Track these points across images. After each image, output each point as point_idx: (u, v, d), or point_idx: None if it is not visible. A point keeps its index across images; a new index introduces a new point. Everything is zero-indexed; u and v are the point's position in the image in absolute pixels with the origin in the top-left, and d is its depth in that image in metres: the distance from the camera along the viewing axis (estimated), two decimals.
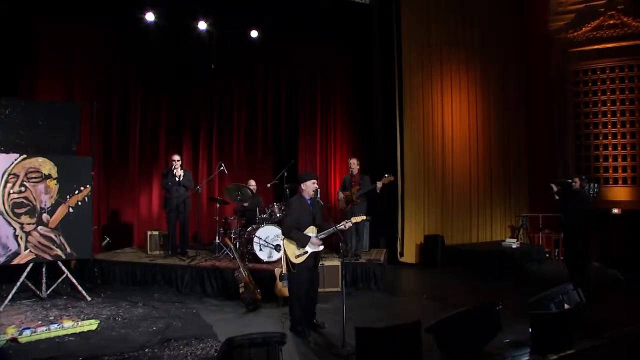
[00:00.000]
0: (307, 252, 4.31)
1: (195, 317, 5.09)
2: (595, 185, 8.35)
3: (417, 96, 8.56)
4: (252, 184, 7.39)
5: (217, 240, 7.06)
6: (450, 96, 8.97)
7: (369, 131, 8.59)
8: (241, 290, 5.41)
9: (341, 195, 6.82)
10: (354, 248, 6.77)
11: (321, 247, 4.41)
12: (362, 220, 4.59)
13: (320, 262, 4.90)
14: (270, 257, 6.38)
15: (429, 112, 8.69)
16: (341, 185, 7.11)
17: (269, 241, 6.36)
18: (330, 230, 4.34)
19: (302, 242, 4.29)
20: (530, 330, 3.95)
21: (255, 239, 6.33)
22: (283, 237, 4.50)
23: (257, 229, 6.44)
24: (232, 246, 5.99)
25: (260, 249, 6.35)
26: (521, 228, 9.18)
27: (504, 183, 9.48)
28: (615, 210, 8.50)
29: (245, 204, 6.99)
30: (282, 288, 5.31)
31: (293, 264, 4.30)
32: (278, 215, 6.79)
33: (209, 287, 6.13)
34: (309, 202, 4.46)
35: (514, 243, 8.28)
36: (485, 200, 9.28)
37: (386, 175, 6.58)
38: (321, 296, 4.80)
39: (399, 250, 8.26)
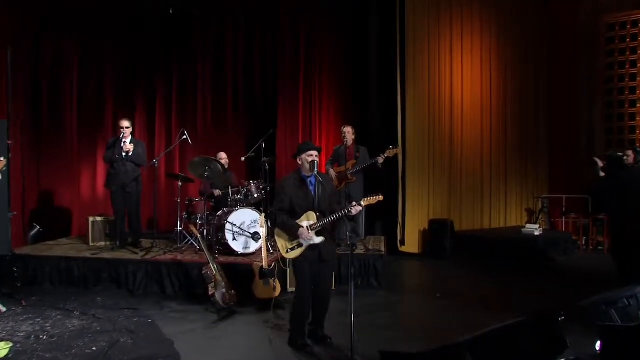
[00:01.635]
0: (301, 244, 3.96)
1: (152, 328, 4.65)
2: None
3: (422, 54, 8.33)
4: (223, 157, 7.10)
5: (178, 228, 6.82)
6: (460, 54, 8.72)
7: (362, 94, 8.44)
8: (211, 291, 5.06)
9: (332, 171, 6.53)
10: (348, 236, 6.38)
11: (317, 240, 3.97)
12: (378, 201, 4.05)
13: None
14: (246, 248, 6.11)
15: (436, 73, 8.46)
16: (330, 158, 6.82)
17: (244, 228, 6.07)
18: (334, 217, 3.95)
19: (289, 231, 3.96)
20: (599, 347, 3.43)
21: (228, 226, 6.02)
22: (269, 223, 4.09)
23: (229, 213, 6.14)
24: (198, 235, 5.68)
25: (234, 238, 6.06)
26: (541, 212, 9.04)
27: (521, 158, 9.29)
28: None
29: (218, 192, 6.93)
30: (264, 288, 5.09)
31: (284, 259, 4.09)
32: (256, 196, 6.56)
33: (169, 287, 5.81)
34: (308, 180, 4.05)
35: (536, 230, 8.04)
36: (499, 179, 9.12)
37: (390, 147, 6.32)
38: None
39: (399, 237, 8.08)
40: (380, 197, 3.98)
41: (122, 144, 6.42)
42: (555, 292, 5.91)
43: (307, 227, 3.91)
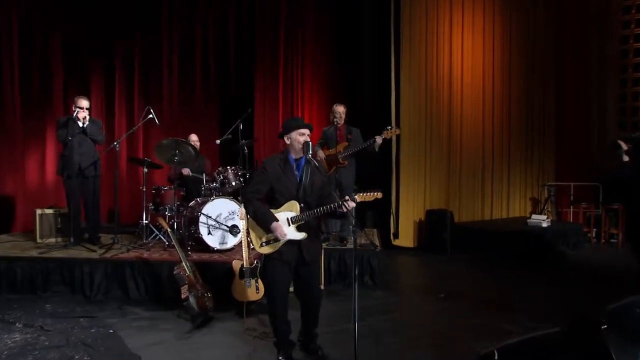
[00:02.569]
0: (278, 239, 3.71)
1: (113, 341, 4.40)
2: None
3: (419, 25, 8.31)
4: (194, 139, 7.08)
5: (144, 221, 6.64)
6: (460, 26, 8.69)
7: (352, 71, 8.51)
8: (184, 294, 4.88)
9: (321, 154, 6.45)
10: (337, 229, 6.60)
11: (297, 236, 3.72)
12: (375, 198, 3.78)
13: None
14: (223, 243, 6.05)
15: (433, 47, 8.48)
16: (319, 140, 6.75)
17: (221, 221, 5.99)
18: (320, 211, 3.67)
19: (263, 222, 3.71)
20: None
21: (202, 218, 5.93)
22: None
23: (203, 203, 6.06)
24: (168, 229, 5.47)
25: (210, 232, 5.98)
26: (548, 201, 9.07)
27: (525, 141, 9.34)
28: None
29: (187, 171, 6.81)
30: (245, 289, 4.96)
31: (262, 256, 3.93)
32: (233, 183, 6.45)
33: (133, 290, 5.62)
34: (295, 164, 3.82)
35: (543, 221, 8.02)
36: (501, 164, 9.13)
37: (388, 127, 6.24)
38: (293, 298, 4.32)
39: (392, 230, 8.11)
40: (379, 195, 3.72)
41: (76, 118, 6.28)
42: (572, 292, 5.88)
43: (287, 219, 3.67)
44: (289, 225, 3.64)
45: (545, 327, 4.44)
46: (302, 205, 3.71)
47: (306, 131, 3.74)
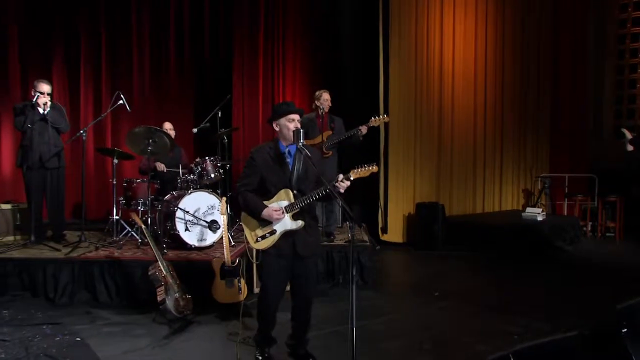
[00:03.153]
0: (274, 232, 3.68)
1: (81, 350, 4.29)
2: None
3: (408, 7, 8.31)
4: (168, 127, 6.90)
5: (114, 216, 6.58)
6: (452, 9, 8.73)
7: (336, 55, 8.49)
8: (160, 296, 4.77)
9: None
10: (323, 223, 6.60)
11: (293, 225, 3.71)
12: (371, 172, 3.77)
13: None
14: (202, 240, 6.00)
15: (424, 30, 8.52)
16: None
17: (200, 216, 5.93)
18: (315, 196, 3.64)
19: (253, 212, 3.72)
20: None
21: (179, 213, 5.86)
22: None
23: (180, 197, 6.00)
24: (141, 225, 5.36)
25: (187, 229, 5.92)
26: (542, 193, 9.12)
27: (518, 132, 9.41)
28: None
29: (162, 167, 6.74)
30: (227, 290, 4.94)
31: (253, 252, 3.94)
32: (212, 175, 6.41)
33: (103, 293, 5.51)
34: (287, 151, 3.80)
35: (538, 214, 8.08)
36: (494, 156, 9.18)
37: (375, 117, 6.22)
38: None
39: (380, 224, 8.13)
40: (374, 168, 3.66)
41: (35, 104, 6.12)
42: (574, 291, 5.87)
43: (282, 209, 3.65)
44: (284, 214, 3.60)
45: (548, 328, 4.52)
46: (295, 192, 3.69)
47: (296, 117, 3.69)
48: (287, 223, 3.63)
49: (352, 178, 3.63)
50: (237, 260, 4.94)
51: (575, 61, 9.53)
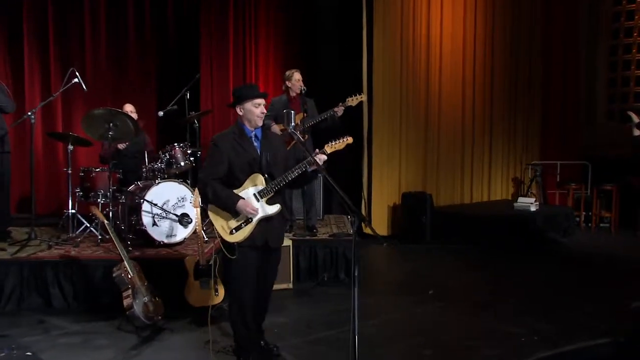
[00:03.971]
0: (249, 220, 3.74)
1: None
2: None
3: None
4: (130, 110, 6.74)
5: (70, 210, 6.36)
6: None
7: (314, 31, 8.54)
8: (127, 300, 4.62)
9: (276, 128, 6.45)
10: (304, 217, 6.70)
11: (271, 210, 3.83)
12: (347, 144, 3.93)
13: None
14: (172, 235, 5.88)
15: (410, 6, 8.46)
16: (269, 112, 6.89)
17: (169, 209, 5.81)
18: (290, 176, 3.77)
19: (227, 204, 3.78)
20: None
21: (146, 206, 5.73)
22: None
23: (146, 188, 5.89)
24: (104, 220, 5.18)
25: (155, 223, 5.79)
26: (533, 182, 9.14)
27: (508, 116, 9.40)
28: None
29: (123, 145, 6.58)
30: (201, 291, 4.88)
31: (228, 245, 3.80)
32: (182, 164, 6.36)
33: (58, 298, 5.33)
34: (253, 134, 3.94)
35: (531, 204, 8.10)
36: (483, 141, 9.17)
37: (352, 96, 6.22)
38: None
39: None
40: (349, 139, 3.86)
41: None
42: (574, 288, 5.85)
43: (254, 195, 3.74)
44: (257, 201, 3.71)
45: (549, 329, 4.43)
46: (266, 177, 3.79)
47: (262, 101, 3.85)
48: (264, 209, 3.72)
49: (328, 152, 3.79)
50: (213, 258, 4.83)
51: (567, 41, 9.58)
